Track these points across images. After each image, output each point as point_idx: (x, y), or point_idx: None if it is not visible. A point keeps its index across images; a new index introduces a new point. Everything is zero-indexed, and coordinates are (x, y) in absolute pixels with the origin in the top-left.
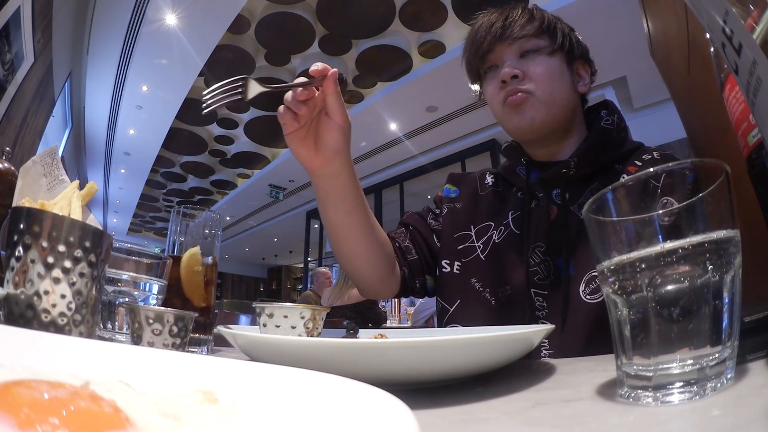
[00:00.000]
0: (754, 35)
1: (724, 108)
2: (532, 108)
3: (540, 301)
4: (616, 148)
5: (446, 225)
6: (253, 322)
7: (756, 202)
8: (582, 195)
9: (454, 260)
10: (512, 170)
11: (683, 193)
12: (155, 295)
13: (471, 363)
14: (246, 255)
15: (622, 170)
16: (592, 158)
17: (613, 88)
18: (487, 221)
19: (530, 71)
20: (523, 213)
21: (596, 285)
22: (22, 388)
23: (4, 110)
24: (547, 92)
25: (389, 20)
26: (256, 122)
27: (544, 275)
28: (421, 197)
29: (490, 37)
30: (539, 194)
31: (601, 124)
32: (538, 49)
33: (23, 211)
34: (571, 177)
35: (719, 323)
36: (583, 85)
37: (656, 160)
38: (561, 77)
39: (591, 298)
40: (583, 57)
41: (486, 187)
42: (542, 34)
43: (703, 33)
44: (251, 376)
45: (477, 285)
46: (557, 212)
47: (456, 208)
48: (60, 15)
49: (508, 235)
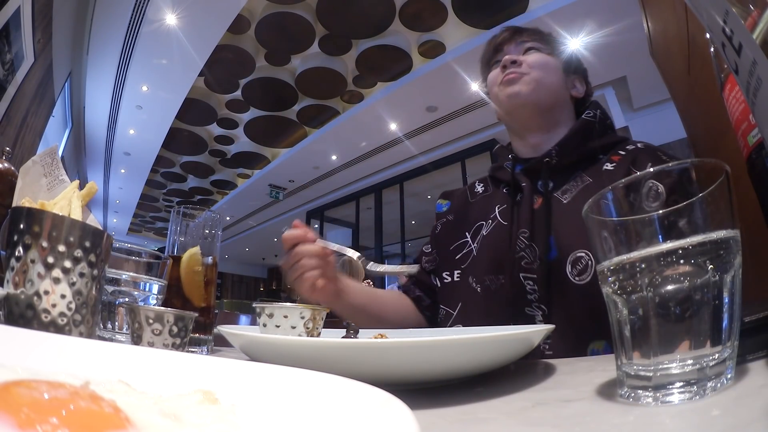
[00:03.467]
0: (754, 35)
1: (724, 108)
2: (522, 83)
3: (531, 284)
4: (597, 138)
5: (442, 238)
6: (253, 322)
7: (756, 202)
8: (566, 183)
9: (454, 269)
10: (499, 166)
11: (683, 192)
12: (155, 295)
13: (471, 363)
14: (246, 255)
15: (606, 159)
16: (573, 147)
17: (613, 88)
18: (479, 222)
19: (528, 59)
20: (509, 205)
21: (582, 266)
22: (22, 388)
23: (4, 110)
24: (538, 75)
25: (389, 20)
26: (256, 122)
27: (530, 259)
28: (421, 197)
29: (501, 38)
30: (523, 184)
31: (583, 116)
32: (539, 48)
33: (23, 211)
34: (554, 166)
35: (719, 323)
36: (576, 91)
37: (640, 149)
38: (554, 71)
39: (579, 279)
40: (580, 73)
41: (476, 194)
42: (543, 42)
43: (703, 33)
44: (251, 376)
45: (473, 281)
46: (541, 201)
47: (449, 220)
48: (60, 15)
49: (496, 226)
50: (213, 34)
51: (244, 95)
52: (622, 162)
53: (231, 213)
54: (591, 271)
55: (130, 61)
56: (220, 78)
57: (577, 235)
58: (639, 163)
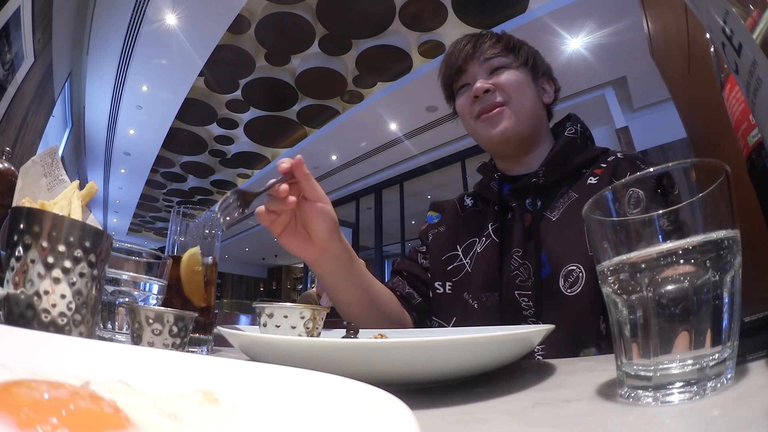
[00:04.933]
0: (754, 35)
1: (724, 108)
2: (505, 119)
3: (526, 301)
4: (581, 153)
5: (433, 248)
6: (253, 322)
7: (756, 202)
8: (553, 200)
9: (446, 281)
10: (486, 186)
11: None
12: (155, 295)
13: (471, 363)
14: (246, 255)
15: (589, 173)
16: (558, 165)
17: (613, 88)
18: (472, 238)
19: (500, 82)
20: (501, 224)
21: (574, 278)
22: (22, 388)
23: (4, 110)
24: (517, 100)
25: (389, 20)
26: (256, 122)
27: (525, 277)
28: (421, 197)
29: (463, 56)
30: (513, 204)
31: (565, 133)
32: (506, 65)
33: (23, 211)
34: (541, 185)
35: (719, 323)
36: (548, 97)
37: (620, 159)
38: (528, 87)
39: (571, 290)
40: (547, 74)
41: (466, 209)
42: (508, 53)
43: (703, 33)
44: (251, 376)
45: (468, 297)
46: (531, 219)
47: (440, 232)
48: (60, 15)
49: (490, 244)
50: (213, 34)
51: (244, 95)
52: (604, 174)
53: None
54: (582, 282)
55: (130, 61)
56: (220, 78)
57: (568, 250)
58: (619, 174)
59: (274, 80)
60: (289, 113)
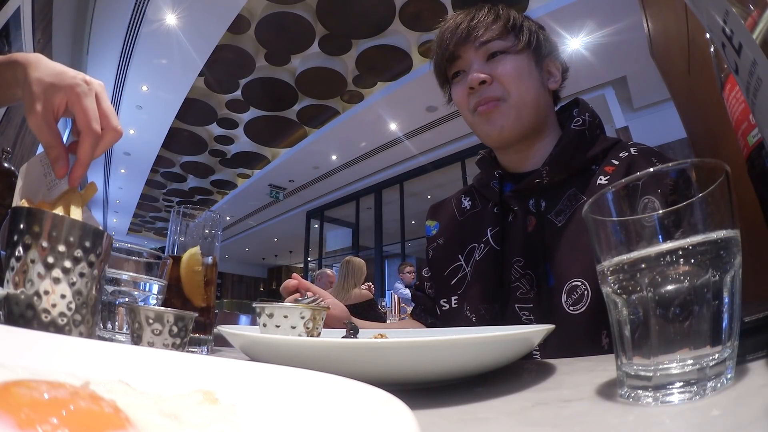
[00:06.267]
0: (754, 35)
1: (724, 108)
2: (502, 115)
3: (526, 314)
4: (589, 148)
5: (435, 265)
6: (253, 322)
7: (756, 202)
8: (559, 202)
9: (451, 296)
10: (486, 184)
11: (683, 192)
12: (155, 295)
13: (471, 363)
14: (246, 255)
15: (599, 171)
16: (564, 163)
17: (613, 88)
18: (472, 243)
19: (498, 72)
20: (500, 228)
21: (578, 295)
22: (22, 388)
23: (4, 110)
24: (517, 94)
25: (389, 20)
26: (256, 122)
27: (526, 289)
28: (421, 197)
29: (456, 39)
30: (514, 207)
31: (572, 125)
32: (505, 49)
33: (23, 211)
34: (546, 185)
35: (719, 323)
36: (554, 82)
37: (633, 156)
38: (530, 76)
39: (574, 309)
40: (553, 54)
41: (464, 211)
42: (508, 34)
43: (703, 33)
44: (251, 376)
45: (467, 310)
46: (535, 222)
47: (439, 245)
48: (60, 15)
49: (489, 251)
50: (213, 34)
51: (244, 95)
52: (615, 174)
53: (231, 213)
54: (587, 302)
55: (130, 61)
56: (220, 78)
57: (574, 263)
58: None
59: (274, 80)
60: (289, 113)
